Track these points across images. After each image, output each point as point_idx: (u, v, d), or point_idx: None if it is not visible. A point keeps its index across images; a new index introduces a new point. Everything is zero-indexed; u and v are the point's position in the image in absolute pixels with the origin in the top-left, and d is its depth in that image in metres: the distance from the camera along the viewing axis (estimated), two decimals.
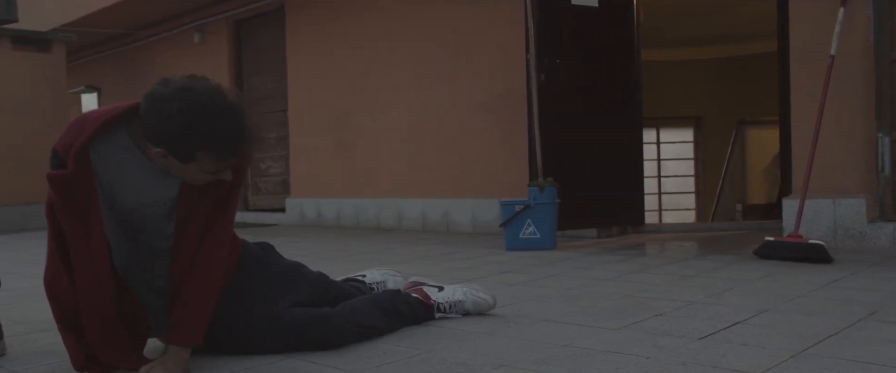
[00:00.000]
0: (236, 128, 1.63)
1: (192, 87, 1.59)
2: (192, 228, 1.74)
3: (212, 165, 1.64)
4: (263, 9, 7.42)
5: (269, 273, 1.98)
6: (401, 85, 6.05)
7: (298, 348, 1.89)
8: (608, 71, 4.80)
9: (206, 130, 1.58)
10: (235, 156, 1.66)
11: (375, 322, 2.03)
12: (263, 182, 7.74)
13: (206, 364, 1.83)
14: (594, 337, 1.98)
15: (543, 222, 4.14)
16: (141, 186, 1.70)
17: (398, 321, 2.10)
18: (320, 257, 4.19)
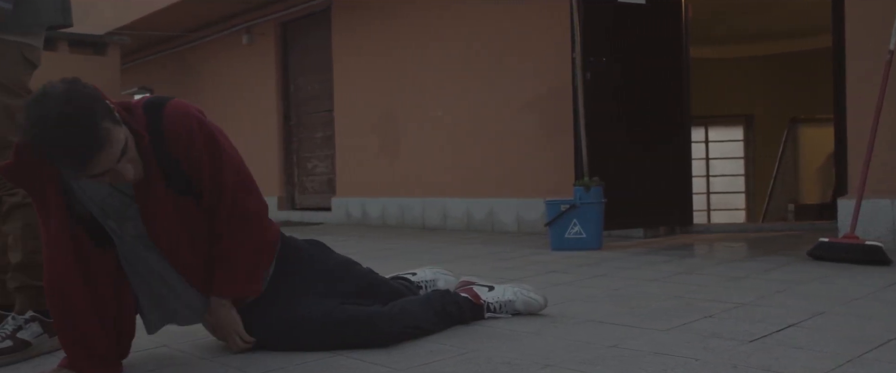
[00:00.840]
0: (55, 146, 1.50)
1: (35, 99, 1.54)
2: (157, 208, 1.72)
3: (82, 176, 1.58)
4: (310, 10, 7.51)
5: (318, 270, 2.00)
6: (446, 84, 6.06)
7: (347, 346, 1.91)
8: (656, 69, 4.74)
9: (34, 141, 1.51)
10: (69, 172, 1.58)
11: (424, 322, 2.03)
12: (310, 181, 7.83)
13: (258, 360, 1.86)
14: (642, 338, 1.95)
15: (589, 222, 4.10)
16: (91, 185, 1.70)
17: (447, 321, 2.10)
18: (367, 256, 4.22)
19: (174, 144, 1.70)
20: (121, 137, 1.58)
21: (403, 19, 6.42)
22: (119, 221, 1.76)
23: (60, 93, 1.51)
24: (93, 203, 1.74)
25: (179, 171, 1.72)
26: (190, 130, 1.71)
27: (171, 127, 1.69)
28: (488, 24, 5.71)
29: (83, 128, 1.49)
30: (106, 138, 1.53)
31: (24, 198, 2.07)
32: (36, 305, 2.07)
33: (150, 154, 1.68)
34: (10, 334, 1.98)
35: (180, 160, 1.71)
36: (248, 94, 8.32)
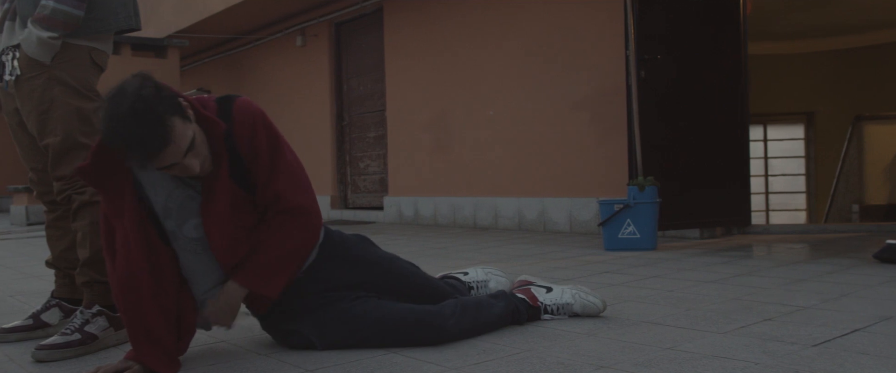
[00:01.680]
0: (120, 136, 1.58)
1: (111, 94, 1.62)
2: (217, 201, 1.76)
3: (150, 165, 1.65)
4: (362, 11, 7.59)
5: (366, 266, 2.01)
6: (498, 83, 6.05)
7: (402, 344, 1.92)
8: (712, 66, 4.64)
9: (104, 129, 1.60)
10: (133, 161, 1.64)
11: (480, 322, 2.03)
12: (362, 180, 7.91)
13: (313, 356, 1.89)
14: (699, 341, 1.91)
15: (644, 222, 4.04)
16: (160, 175, 1.77)
17: (502, 322, 2.09)
18: (418, 256, 4.25)
19: (239, 133, 1.77)
20: (188, 133, 1.64)
21: (455, 19, 6.43)
22: (179, 220, 1.80)
23: (132, 89, 1.59)
24: (156, 202, 1.79)
25: (241, 161, 1.78)
26: (254, 121, 1.78)
27: (239, 117, 1.77)
28: (541, 22, 5.68)
29: (150, 122, 1.57)
30: (171, 133, 1.60)
31: (93, 196, 2.15)
32: (102, 300, 2.15)
33: (222, 144, 1.74)
34: (78, 328, 2.06)
35: (242, 150, 1.77)
36: (301, 94, 8.45)
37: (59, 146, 2.12)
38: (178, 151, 1.63)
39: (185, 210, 1.79)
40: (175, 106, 1.64)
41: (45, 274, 3.80)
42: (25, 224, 8.60)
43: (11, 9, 2.16)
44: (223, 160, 1.76)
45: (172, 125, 1.60)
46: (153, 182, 1.78)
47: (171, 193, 1.78)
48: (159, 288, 1.79)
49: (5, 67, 2.16)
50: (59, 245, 2.32)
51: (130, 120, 1.56)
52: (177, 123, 1.62)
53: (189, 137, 1.65)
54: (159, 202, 1.79)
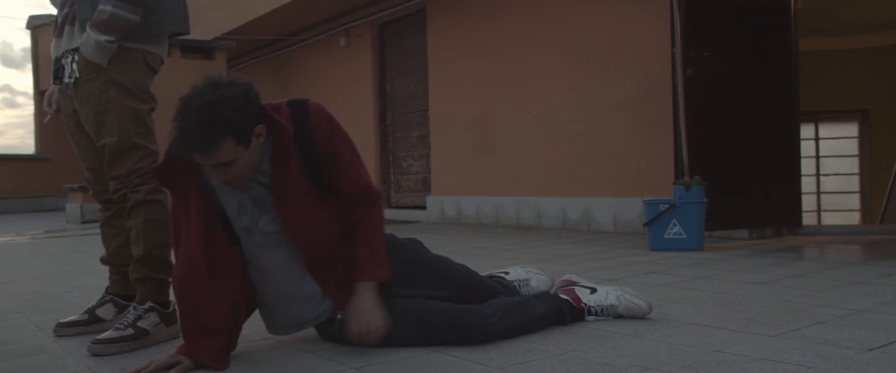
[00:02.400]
0: (184, 123, 1.71)
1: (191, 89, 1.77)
2: (291, 195, 1.86)
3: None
4: (405, 11, 7.62)
5: (417, 266, 2.04)
6: (541, 82, 6.02)
7: (447, 343, 1.93)
8: (762, 62, 4.54)
9: (174, 116, 1.74)
10: (184, 149, 1.75)
11: (524, 322, 2.03)
12: (405, 180, 7.95)
13: (359, 354, 1.91)
14: (748, 343, 1.88)
15: (690, 222, 3.98)
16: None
17: (546, 322, 2.09)
18: (462, 255, 4.25)
19: (318, 136, 1.86)
20: (231, 154, 1.75)
21: (498, 18, 6.42)
22: (255, 216, 1.89)
23: (221, 94, 1.72)
24: (231, 200, 1.88)
25: (317, 162, 1.87)
26: (330, 125, 1.89)
27: (315, 121, 1.87)
28: (585, 21, 5.63)
29: (205, 129, 1.70)
30: (214, 149, 1.72)
31: (147, 195, 2.21)
32: (155, 296, 2.21)
33: (291, 146, 1.83)
34: (131, 323, 2.12)
35: (320, 151, 1.87)
36: (345, 94, 8.53)
37: (115, 146, 2.19)
38: (209, 160, 1.75)
39: (261, 207, 1.88)
40: (241, 130, 1.74)
41: (100, 271, 3.91)
42: (80, 222, 8.86)
43: (71, 14, 2.23)
44: (292, 161, 1.85)
45: (220, 143, 1.71)
46: (222, 186, 1.87)
47: (245, 190, 1.87)
48: (217, 285, 1.85)
49: (65, 70, 2.24)
50: (114, 243, 2.38)
51: (194, 115, 1.69)
52: (227, 143, 1.72)
53: (228, 159, 1.74)
54: (234, 201, 1.88)
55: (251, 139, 1.78)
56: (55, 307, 2.85)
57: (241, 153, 1.77)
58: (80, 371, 1.87)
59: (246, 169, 1.81)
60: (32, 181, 12.97)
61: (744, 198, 4.44)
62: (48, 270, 4.20)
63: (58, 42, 2.28)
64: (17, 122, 50.95)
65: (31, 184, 12.96)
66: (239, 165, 1.78)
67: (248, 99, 1.75)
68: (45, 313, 2.71)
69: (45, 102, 2.42)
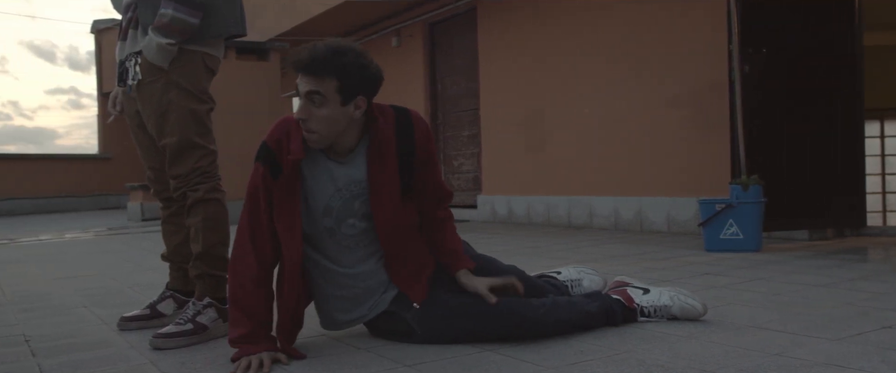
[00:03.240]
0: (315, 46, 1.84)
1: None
2: (386, 191, 1.96)
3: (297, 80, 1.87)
4: (456, 11, 7.63)
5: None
6: (592, 81, 5.95)
7: (501, 337, 1.95)
8: (823, 59, 4.40)
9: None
10: (296, 64, 1.84)
11: (577, 321, 2.02)
12: (455, 179, 7.97)
13: (412, 351, 1.92)
14: (809, 347, 1.83)
15: (747, 222, 3.89)
16: (327, 176, 1.95)
17: (598, 322, 2.08)
18: (513, 254, 4.24)
19: (420, 140, 1.98)
20: (329, 99, 1.83)
21: (548, 16, 6.38)
22: (339, 218, 1.96)
23: (356, 48, 1.90)
24: (320, 200, 1.95)
25: (412, 162, 1.98)
26: (427, 131, 2.02)
27: (419, 128, 2.00)
28: (637, 17, 5.55)
29: (332, 60, 1.81)
30: (324, 80, 1.82)
31: (206, 194, 2.27)
32: (213, 292, 2.26)
33: (390, 147, 1.95)
34: (190, 318, 2.18)
35: (419, 154, 1.98)
36: (397, 94, 8.58)
37: (176, 146, 2.25)
38: (306, 85, 1.83)
39: (346, 210, 1.96)
40: (349, 84, 1.84)
41: (161, 267, 4.03)
42: (141, 220, 9.13)
43: (134, 17, 2.31)
44: (390, 157, 1.95)
45: (325, 75, 1.81)
46: (320, 183, 1.95)
47: (334, 194, 1.95)
48: (298, 281, 1.96)
49: (128, 72, 2.31)
50: (174, 240, 2.45)
51: (328, 46, 1.83)
52: (331, 81, 1.82)
53: (320, 92, 1.82)
54: (322, 201, 1.95)
55: (350, 100, 1.86)
56: (118, 302, 2.94)
57: (334, 103, 1.84)
58: (142, 364, 1.93)
59: (327, 126, 1.86)
60: (96, 180, 13.42)
61: (804, 197, 4.31)
62: (111, 266, 4.34)
63: (122, 45, 2.36)
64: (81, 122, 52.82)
65: (95, 182, 13.41)
66: (323, 112, 1.84)
67: (372, 71, 1.88)
68: (109, 308, 2.80)
69: (110, 103, 2.50)
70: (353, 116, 1.89)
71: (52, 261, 4.81)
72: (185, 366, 1.89)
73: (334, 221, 1.96)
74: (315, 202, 1.95)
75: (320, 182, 1.95)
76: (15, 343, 2.24)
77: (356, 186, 1.96)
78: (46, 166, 13.05)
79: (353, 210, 1.96)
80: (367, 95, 1.90)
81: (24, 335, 2.35)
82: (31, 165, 12.95)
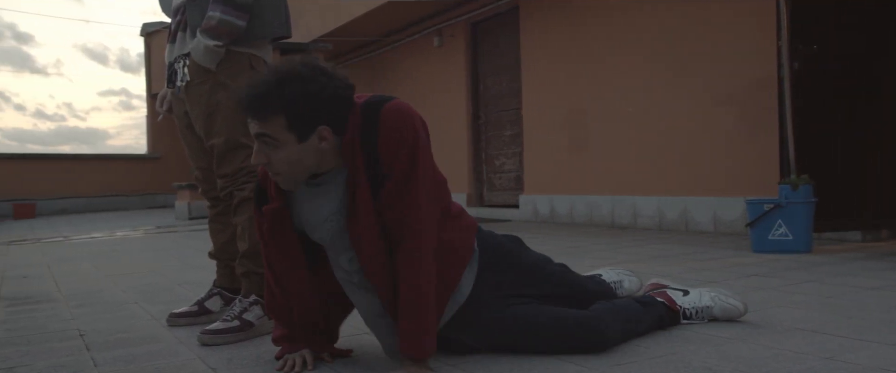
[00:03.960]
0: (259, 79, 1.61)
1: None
2: (363, 224, 1.65)
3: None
4: (498, 10, 7.62)
5: (523, 269, 1.94)
6: (636, 79, 5.88)
7: (558, 349, 1.84)
8: (878, 54, 4.28)
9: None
10: (239, 103, 1.62)
11: (635, 326, 1.97)
12: (497, 178, 7.95)
13: (449, 357, 1.92)
14: (863, 352, 1.78)
15: (797, 223, 3.80)
16: (312, 205, 1.74)
17: (645, 326, 2.02)
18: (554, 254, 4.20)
19: (384, 142, 1.61)
20: (277, 132, 1.59)
21: (592, 15, 6.32)
22: (334, 252, 1.78)
23: (315, 73, 1.60)
24: (314, 233, 1.77)
25: (379, 170, 1.63)
26: (401, 131, 1.62)
27: (387, 122, 1.61)
28: (682, 14, 5.46)
29: (277, 97, 1.57)
30: (263, 116, 1.58)
31: (252, 193, 2.31)
32: (259, 289, 2.30)
33: (358, 154, 1.63)
34: (237, 315, 2.22)
35: (382, 159, 1.62)
36: (438, 94, 8.61)
37: (223, 146, 2.29)
38: (254, 128, 1.61)
39: (338, 243, 1.74)
40: (298, 115, 1.58)
41: (208, 265, 4.11)
42: (188, 218, 9.33)
43: (183, 20, 2.36)
44: (361, 184, 1.64)
45: (270, 115, 1.58)
46: (307, 212, 1.76)
47: (322, 224, 1.73)
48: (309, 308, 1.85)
49: (177, 74, 2.36)
50: (221, 238, 2.50)
51: (274, 76, 1.59)
52: (279, 120, 1.58)
53: (274, 136, 1.60)
54: (315, 235, 1.77)
55: (310, 135, 1.60)
56: (167, 299, 3.01)
57: (290, 144, 1.60)
58: (191, 360, 1.97)
59: (290, 167, 1.63)
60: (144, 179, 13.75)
61: (857, 197, 4.20)
62: (160, 263, 4.45)
63: (171, 47, 2.41)
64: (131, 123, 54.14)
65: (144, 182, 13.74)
66: (281, 155, 1.61)
67: (328, 94, 1.57)
68: (158, 304, 2.87)
69: (157, 103, 2.56)
70: (321, 148, 1.62)
71: (103, 258, 4.95)
72: (232, 362, 1.92)
73: (334, 256, 1.78)
74: (313, 233, 1.77)
75: (308, 210, 1.75)
76: (70, 337, 2.31)
77: (337, 217, 1.70)
78: (97, 166, 13.43)
79: (346, 244, 1.71)
80: (331, 122, 1.60)
81: (79, 330, 2.42)
82: (82, 164, 13.34)
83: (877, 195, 4.26)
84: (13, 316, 2.76)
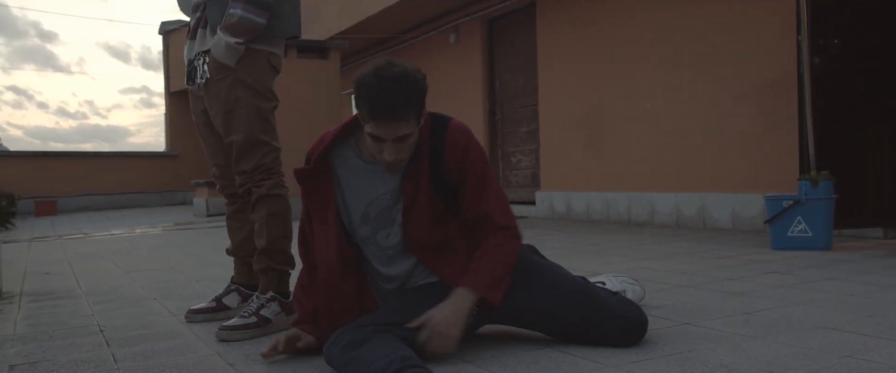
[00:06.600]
0: (381, 90, 1.72)
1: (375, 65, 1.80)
2: (418, 210, 1.87)
3: (371, 128, 1.76)
4: (515, 6, 7.60)
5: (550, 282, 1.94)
6: (654, 75, 5.84)
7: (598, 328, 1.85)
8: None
9: (362, 91, 1.75)
10: (378, 116, 1.73)
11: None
12: (514, 175, 7.94)
13: (467, 348, 1.92)
14: (884, 351, 1.76)
15: (817, 220, 3.76)
16: (367, 183, 1.90)
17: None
18: (571, 252, 4.21)
19: (450, 151, 1.86)
20: (412, 128, 1.78)
21: (609, 11, 6.28)
22: (375, 227, 1.91)
23: (407, 68, 1.79)
24: (357, 207, 1.91)
25: (446, 176, 1.87)
26: (467, 144, 1.88)
27: (452, 137, 1.87)
28: (701, 9, 5.42)
29: (403, 96, 1.74)
30: (406, 117, 1.75)
31: (270, 190, 2.33)
32: (276, 286, 2.31)
33: (425, 156, 1.86)
34: (254, 312, 2.23)
35: (449, 167, 1.86)
36: (455, 90, 8.60)
37: (242, 143, 2.31)
38: (393, 132, 1.75)
39: (382, 219, 1.90)
40: (420, 106, 1.79)
41: (226, 261, 4.14)
42: (206, 215, 9.40)
43: (203, 18, 2.38)
44: (423, 170, 1.86)
45: (410, 113, 1.75)
46: (358, 189, 1.91)
47: (372, 201, 1.90)
48: (350, 283, 1.93)
49: (197, 71, 2.38)
50: (239, 235, 2.52)
51: (389, 83, 1.73)
52: (412, 114, 1.76)
53: (407, 132, 1.77)
54: (360, 208, 1.91)
55: (421, 118, 1.82)
56: (185, 295, 3.04)
57: (415, 130, 1.80)
58: (209, 356, 1.99)
59: (410, 150, 1.82)
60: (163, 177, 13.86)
61: (879, 194, 4.15)
62: (178, 259, 4.49)
63: (191, 45, 2.43)
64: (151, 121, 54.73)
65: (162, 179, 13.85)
66: (409, 143, 1.80)
67: (422, 79, 1.81)
68: (177, 300, 2.90)
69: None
70: (415, 133, 1.84)
71: (123, 255, 5.00)
72: (249, 358, 1.94)
73: (371, 229, 1.91)
74: (354, 209, 1.91)
75: (361, 186, 1.91)
76: (91, 333, 2.34)
77: (387, 198, 1.89)
78: (117, 164, 13.56)
79: (390, 219, 1.90)
80: (420, 113, 1.84)
81: (99, 326, 2.45)
82: (102, 162, 13.47)
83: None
84: (35, 312, 2.79)
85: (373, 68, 1.76)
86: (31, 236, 7.26)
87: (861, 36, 4.12)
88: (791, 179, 4.19)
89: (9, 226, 9.08)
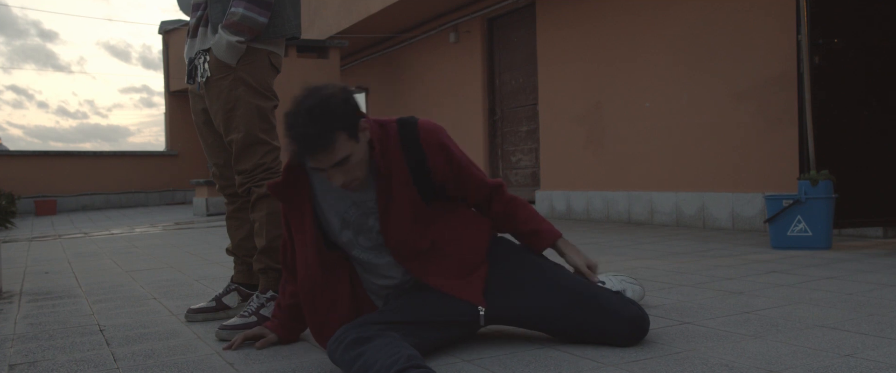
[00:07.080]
0: (297, 125, 1.71)
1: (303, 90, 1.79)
2: (396, 219, 1.88)
3: (309, 161, 1.76)
4: (515, 5, 7.59)
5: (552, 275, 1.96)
6: (654, 74, 5.85)
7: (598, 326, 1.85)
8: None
9: (286, 130, 1.74)
10: (304, 151, 1.72)
11: None
12: (514, 174, 7.94)
13: (469, 348, 1.92)
14: (883, 349, 1.76)
15: (816, 219, 3.76)
16: (337, 195, 1.90)
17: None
18: None
19: (432, 157, 1.88)
20: (347, 150, 1.74)
21: (609, 9, 6.28)
22: (356, 231, 1.92)
23: (324, 93, 1.75)
24: (336, 213, 1.92)
25: (427, 175, 1.88)
26: (444, 145, 1.91)
27: (428, 141, 1.88)
28: (700, 8, 5.42)
29: (319, 127, 1.70)
30: (331, 144, 1.71)
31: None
32: (276, 285, 2.31)
33: (400, 161, 1.86)
34: (254, 311, 2.23)
35: (437, 171, 1.89)
36: (455, 90, 8.60)
37: (242, 142, 2.31)
38: (328, 160, 1.73)
39: (360, 227, 1.91)
40: (350, 124, 1.74)
41: (225, 261, 4.15)
42: (206, 215, 9.40)
43: (204, 16, 2.37)
44: (401, 174, 1.86)
45: (335, 138, 1.71)
46: (331, 200, 1.91)
47: (346, 211, 1.90)
48: (335, 295, 1.94)
49: (198, 70, 2.38)
50: (238, 234, 2.52)
51: (305, 117, 1.70)
52: (341, 137, 1.72)
53: (344, 155, 1.73)
54: (339, 214, 1.91)
55: (359, 133, 1.78)
56: (185, 294, 3.04)
57: (354, 148, 1.76)
58: (209, 355, 1.99)
59: (360, 167, 1.80)
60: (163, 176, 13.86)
61: (879, 193, 4.14)
62: (178, 259, 4.49)
63: (191, 43, 2.43)
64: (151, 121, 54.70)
65: (162, 178, 13.85)
66: (354, 162, 1.77)
67: (347, 95, 1.77)
68: (177, 300, 2.90)
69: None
70: (366, 137, 1.82)
71: (123, 254, 5.01)
72: (249, 357, 1.94)
73: (353, 233, 1.92)
74: (332, 215, 1.91)
75: (332, 199, 1.91)
76: (91, 332, 2.34)
77: (370, 202, 1.90)
78: (117, 163, 13.55)
79: (369, 226, 1.91)
80: (360, 114, 1.81)
81: (99, 325, 2.45)
82: (102, 161, 13.47)
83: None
84: (35, 311, 2.80)
85: (291, 102, 1.75)
86: (31, 236, 7.26)
87: (861, 34, 4.12)
88: (791, 179, 4.19)
89: (9, 225, 9.09)
